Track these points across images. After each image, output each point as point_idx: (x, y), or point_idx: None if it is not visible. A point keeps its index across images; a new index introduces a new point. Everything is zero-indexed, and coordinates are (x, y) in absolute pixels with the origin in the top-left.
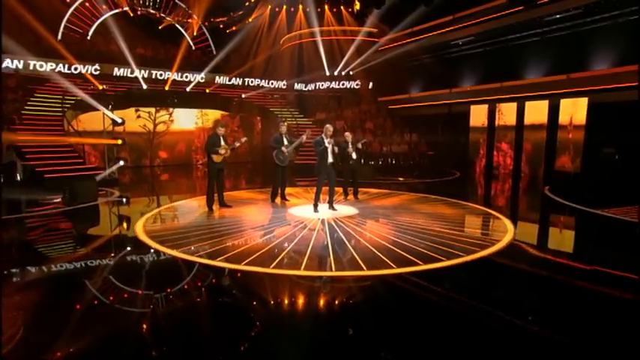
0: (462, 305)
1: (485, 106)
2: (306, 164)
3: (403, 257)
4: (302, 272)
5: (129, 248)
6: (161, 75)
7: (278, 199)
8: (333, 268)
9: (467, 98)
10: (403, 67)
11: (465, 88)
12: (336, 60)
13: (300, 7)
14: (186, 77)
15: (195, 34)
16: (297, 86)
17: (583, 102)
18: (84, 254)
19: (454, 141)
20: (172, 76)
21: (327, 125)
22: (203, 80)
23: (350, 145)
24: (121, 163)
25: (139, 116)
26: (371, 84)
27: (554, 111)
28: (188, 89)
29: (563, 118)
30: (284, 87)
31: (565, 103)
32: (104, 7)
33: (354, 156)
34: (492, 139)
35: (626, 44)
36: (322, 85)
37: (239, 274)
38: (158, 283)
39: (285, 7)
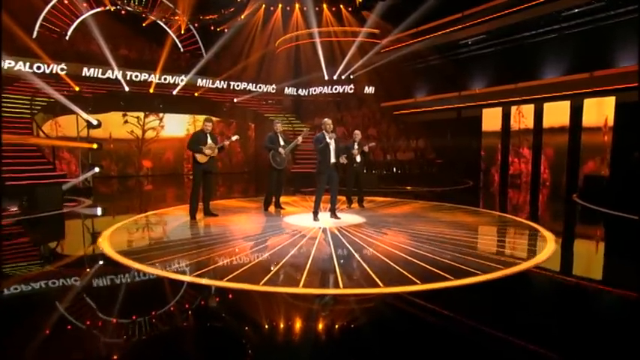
0: (511, 329)
1: (500, 109)
2: (302, 172)
3: (427, 271)
4: (301, 290)
5: (86, 261)
6: (137, 76)
7: (272, 208)
8: (341, 285)
9: (478, 101)
10: (408, 70)
11: (476, 90)
12: (336, 63)
13: (297, 5)
14: (165, 79)
15: (182, 32)
16: (287, 90)
17: (610, 102)
18: (25, 268)
19: (465, 147)
20: (150, 78)
21: (326, 119)
22: (183, 82)
23: (356, 146)
24: (96, 169)
25: (126, 121)
26: (367, 88)
27: (576, 112)
28: (175, 92)
29: (588, 120)
30: (273, 91)
31: (589, 104)
32: (84, 4)
33: (358, 159)
34: (508, 145)
35: None
36: (315, 90)
37: (220, 293)
38: (117, 303)
39: (280, 5)
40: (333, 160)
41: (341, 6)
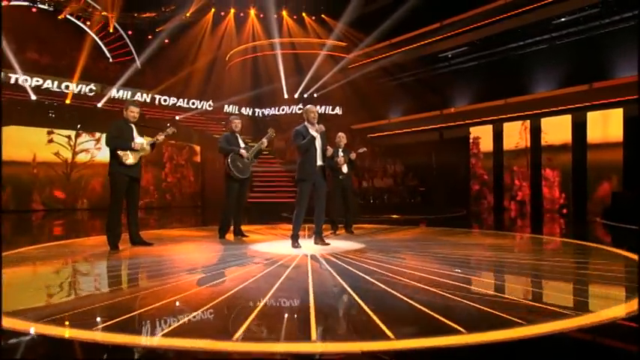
0: None
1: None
2: (261, 203)
3: (521, 304)
4: (316, 347)
5: None
6: (27, 81)
7: (230, 236)
8: (389, 333)
9: (463, 120)
10: (382, 87)
11: (451, 109)
12: (298, 78)
13: (252, 11)
14: (68, 87)
15: (111, 30)
16: (227, 108)
17: (617, 114)
18: None
19: (453, 172)
20: (46, 84)
21: (309, 106)
22: (93, 93)
23: (341, 153)
24: None
25: (51, 140)
26: (330, 107)
27: (579, 127)
28: (100, 105)
29: (593, 135)
30: (210, 108)
31: (593, 117)
32: None
33: (344, 169)
34: (502, 165)
35: None
36: (267, 110)
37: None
38: None
39: (232, 10)
40: (319, 162)
41: (303, 14)
